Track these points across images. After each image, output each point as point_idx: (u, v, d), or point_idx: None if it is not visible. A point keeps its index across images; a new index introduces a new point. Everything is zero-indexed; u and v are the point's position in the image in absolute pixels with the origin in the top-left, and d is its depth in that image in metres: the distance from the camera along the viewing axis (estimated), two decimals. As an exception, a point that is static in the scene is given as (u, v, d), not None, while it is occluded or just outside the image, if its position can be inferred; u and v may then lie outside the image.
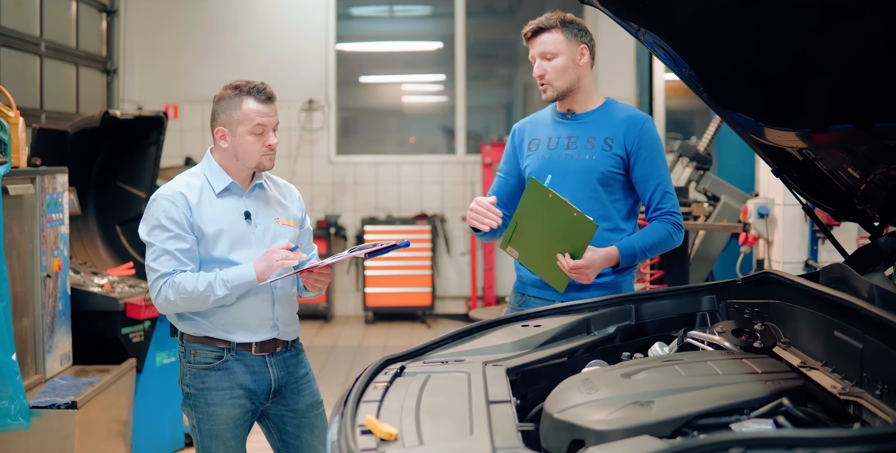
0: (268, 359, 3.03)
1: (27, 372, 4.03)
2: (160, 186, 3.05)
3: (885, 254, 2.57)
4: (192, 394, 3.01)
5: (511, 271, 9.70)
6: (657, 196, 3.16)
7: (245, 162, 2.99)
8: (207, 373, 2.99)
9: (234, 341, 2.98)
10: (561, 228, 2.94)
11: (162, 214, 2.93)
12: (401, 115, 9.83)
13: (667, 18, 2.47)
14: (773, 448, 1.47)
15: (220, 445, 3.00)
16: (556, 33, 3.18)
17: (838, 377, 2.06)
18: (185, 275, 2.91)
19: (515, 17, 9.99)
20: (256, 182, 3.07)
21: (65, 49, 7.43)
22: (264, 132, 2.97)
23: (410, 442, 1.76)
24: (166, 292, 2.91)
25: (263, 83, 2.99)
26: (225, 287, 2.89)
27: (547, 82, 3.19)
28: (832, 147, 2.52)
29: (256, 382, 3.02)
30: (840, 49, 2.10)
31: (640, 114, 3.23)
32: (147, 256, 2.97)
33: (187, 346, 3.02)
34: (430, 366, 2.27)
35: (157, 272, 2.92)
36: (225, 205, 3.00)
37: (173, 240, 2.92)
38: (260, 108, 2.96)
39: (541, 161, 3.22)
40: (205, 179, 3.02)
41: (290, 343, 3.10)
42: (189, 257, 2.93)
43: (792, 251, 5.17)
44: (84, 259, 5.32)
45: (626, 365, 2.24)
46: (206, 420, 3.00)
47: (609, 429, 1.78)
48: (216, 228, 2.96)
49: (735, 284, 2.70)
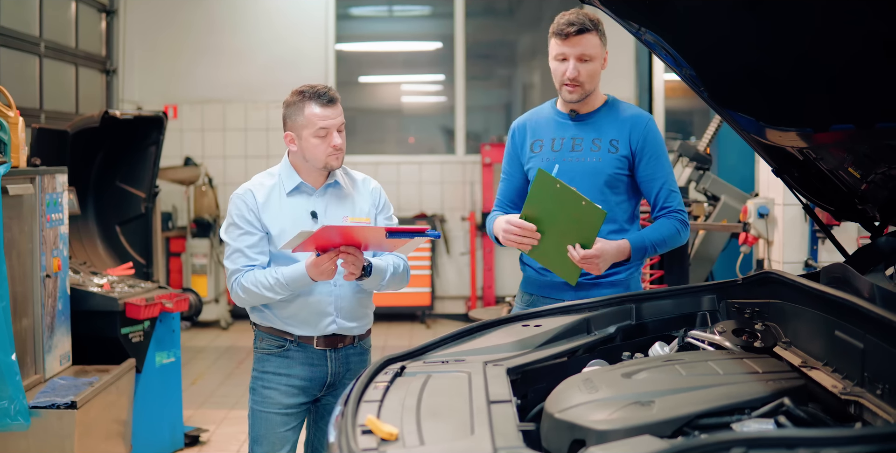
0: (329, 354, 3.14)
1: (27, 372, 4.02)
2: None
3: (885, 253, 2.58)
4: (254, 377, 3.19)
5: (510, 271, 9.65)
6: (663, 195, 3.15)
7: (313, 163, 3.09)
8: (269, 358, 3.15)
9: (295, 334, 3.11)
10: (570, 218, 2.93)
11: (234, 213, 3.11)
12: (400, 115, 9.83)
13: (668, 18, 2.47)
14: (775, 447, 1.47)
15: (269, 429, 3.13)
16: (596, 36, 3.13)
17: (839, 377, 2.06)
18: (249, 276, 3.05)
19: (515, 17, 9.99)
20: (330, 181, 3.15)
21: (64, 49, 7.43)
22: (328, 134, 3.06)
23: (411, 442, 1.76)
24: (236, 289, 3.09)
25: (326, 86, 3.08)
26: (285, 289, 3.02)
27: (578, 84, 3.14)
28: (833, 147, 2.52)
29: (313, 373, 3.14)
30: (841, 49, 2.10)
31: (642, 113, 3.22)
32: (224, 253, 3.17)
33: (257, 333, 3.20)
34: (430, 366, 2.27)
35: (228, 270, 3.11)
36: (293, 204, 3.12)
37: (242, 237, 3.08)
38: (322, 112, 3.04)
39: (545, 163, 3.20)
40: (279, 179, 3.15)
41: (356, 339, 3.18)
42: (258, 251, 3.08)
43: (792, 251, 5.17)
44: (83, 259, 5.32)
45: (626, 364, 2.24)
46: (260, 402, 3.15)
47: (610, 429, 1.78)
48: (280, 227, 3.07)
49: (736, 284, 2.70)
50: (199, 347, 7.84)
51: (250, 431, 3.18)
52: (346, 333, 3.15)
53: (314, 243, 2.88)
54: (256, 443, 3.15)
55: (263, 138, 8.99)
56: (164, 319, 4.85)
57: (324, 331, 3.11)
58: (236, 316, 8.82)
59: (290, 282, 3.00)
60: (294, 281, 3.00)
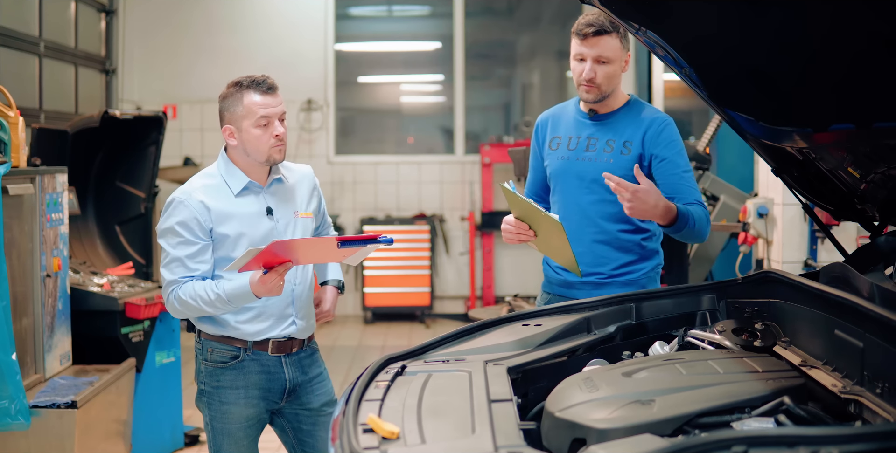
0: (283, 360, 3.04)
1: (27, 371, 4.03)
2: (177, 188, 3.02)
3: (885, 253, 2.58)
4: (206, 392, 3.04)
5: (509, 271, 9.64)
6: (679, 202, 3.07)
7: (255, 156, 2.95)
8: (223, 372, 3.00)
9: (250, 340, 2.99)
10: (544, 223, 2.96)
11: (175, 220, 2.92)
12: (399, 115, 9.83)
13: (667, 18, 2.47)
14: (775, 446, 1.47)
15: (232, 444, 3.02)
16: (615, 39, 3.13)
17: (839, 376, 2.07)
18: (188, 287, 2.89)
19: (514, 17, 9.99)
20: (274, 177, 3.04)
21: (64, 49, 7.43)
22: (269, 123, 2.92)
23: (413, 441, 1.76)
24: (172, 301, 2.94)
25: (264, 75, 2.95)
26: (229, 304, 2.87)
27: (595, 85, 3.15)
28: (832, 146, 2.52)
29: (271, 382, 3.02)
30: (840, 48, 2.10)
31: (661, 116, 3.19)
32: (161, 260, 2.97)
33: (204, 344, 3.04)
34: (431, 365, 2.27)
35: (165, 279, 2.94)
36: (244, 204, 2.98)
37: (182, 245, 2.91)
38: (262, 100, 2.91)
39: (560, 162, 3.22)
40: (221, 180, 2.99)
41: (305, 342, 3.10)
42: (198, 261, 2.92)
43: (791, 251, 5.18)
44: (83, 258, 5.32)
45: (626, 364, 2.24)
46: (218, 418, 3.02)
47: (610, 428, 1.78)
48: (238, 230, 2.94)
49: (735, 283, 2.71)
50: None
51: (211, 446, 3.04)
52: (299, 336, 3.05)
53: (261, 260, 2.73)
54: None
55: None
56: (164, 319, 4.86)
57: (281, 332, 3.00)
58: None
59: (233, 299, 2.85)
60: (237, 297, 2.84)
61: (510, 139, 8.71)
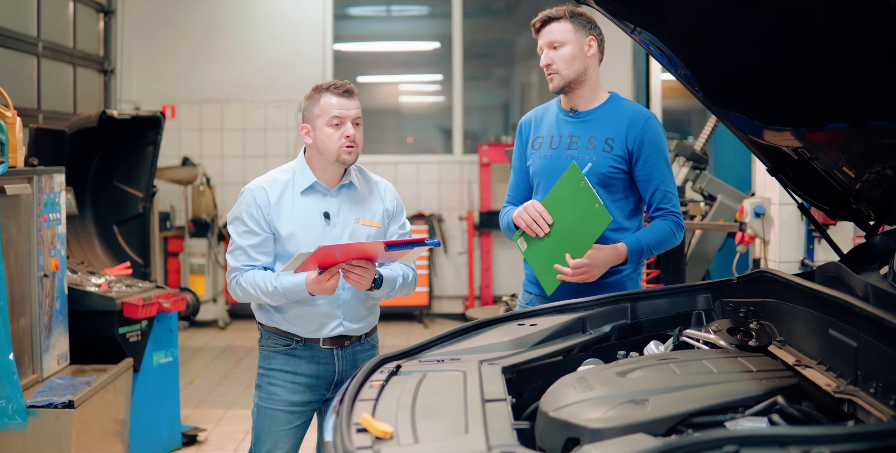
0: (336, 352, 3.12)
1: (24, 371, 4.03)
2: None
3: (880, 252, 2.58)
4: (260, 374, 3.16)
5: (508, 271, 9.62)
6: (658, 196, 3.15)
7: (326, 155, 3.05)
8: (275, 356, 3.13)
9: (301, 335, 3.09)
10: (578, 218, 2.95)
11: (243, 208, 3.06)
12: (398, 115, 9.83)
13: (662, 18, 2.47)
14: (767, 445, 1.47)
15: (273, 426, 3.11)
16: (565, 23, 3.19)
17: (833, 375, 2.07)
18: (249, 276, 3.02)
19: (513, 16, 10.00)
20: (345, 181, 3.11)
21: (62, 49, 7.43)
22: (341, 123, 3.05)
23: (406, 441, 1.77)
24: (234, 287, 3.07)
25: (346, 81, 3.10)
26: (284, 298, 2.99)
27: (554, 71, 3.19)
28: (827, 146, 2.53)
29: (320, 371, 3.11)
30: (835, 48, 2.10)
31: (642, 111, 3.21)
32: (228, 247, 3.13)
33: (262, 332, 3.17)
34: (425, 365, 2.28)
35: (230, 265, 3.09)
36: (306, 203, 3.07)
37: (247, 235, 3.05)
38: (337, 101, 3.05)
39: (543, 161, 3.22)
40: (293, 176, 3.11)
41: (363, 337, 3.16)
42: (260, 252, 3.05)
43: (788, 250, 5.18)
44: (81, 258, 5.33)
45: (621, 363, 2.25)
46: (265, 398, 3.13)
47: (604, 427, 1.79)
48: (291, 229, 3.04)
49: (730, 283, 2.71)
50: (196, 347, 7.84)
51: (254, 428, 3.15)
52: (352, 333, 3.12)
53: (314, 262, 2.85)
54: (259, 440, 3.11)
55: (261, 138, 8.99)
56: (162, 319, 4.86)
57: (329, 333, 3.08)
58: (234, 315, 8.82)
59: (289, 293, 2.97)
60: (293, 293, 2.97)
61: (509, 139, 8.72)
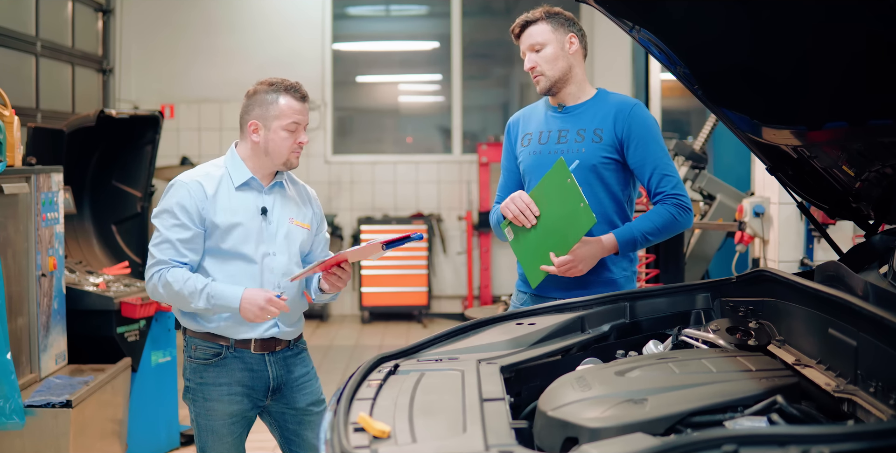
0: (267, 358, 3.05)
1: (22, 371, 4.02)
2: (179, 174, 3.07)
3: (879, 251, 2.57)
4: (191, 388, 3.06)
5: (507, 270, 9.63)
6: (655, 179, 3.12)
7: (274, 157, 3.02)
8: (206, 368, 3.02)
9: (232, 338, 3.00)
10: (563, 216, 2.95)
11: (174, 201, 2.97)
12: (397, 115, 9.82)
13: (662, 16, 2.47)
14: (766, 445, 1.46)
15: (217, 440, 3.03)
16: (542, 24, 3.19)
17: (832, 374, 2.06)
18: (178, 272, 2.93)
19: (512, 16, 9.89)
20: (277, 180, 3.10)
21: (61, 48, 7.42)
22: (297, 129, 3.02)
23: (403, 440, 1.76)
24: (156, 282, 2.96)
25: (298, 82, 3.05)
26: (208, 302, 2.91)
27: (539, 73, 3.19)
28: (827, 144, 2.52)
29: (254, 380, 3.04)
30: (834, 46, 2.10)
31: (628, 100, 3.20)
32: (151, 239, 3.02)
33: (189, 341, 3.06)
34: (423, 364, 2.27)
35: (153, 258, 2.97)
36: (242, 198, 3.03)
37: (177, 228, 2.96)
38: (298, 106, 3.01)
39: (532, 156, 3.22)
40: (225, 171, 3.05)
41: (291, 342, 3.11)
42: (189, 248, 2.96)
43: (787, 249, 5.17)
44: (79, 258, 5.32)
45: (620, 362, 2.24)
46: (203, 414, 3.04)
47: (603, 427, 1.78)
48: (230, 221, 2.98)
49: (729, 282, 2.70)
50: (195, 347, 7.82)
51: (197, 442, 3.07)
52: (284, 337, 3.07)
53: (322, 268, 2.92)
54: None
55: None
56: (160, 318, 4.85)
57: (262, 334, 3.01)
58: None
59: (217, 300, 2.89)
60: (221, 302, 2.90)
61: (507, 139, 8.70)
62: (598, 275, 3.13)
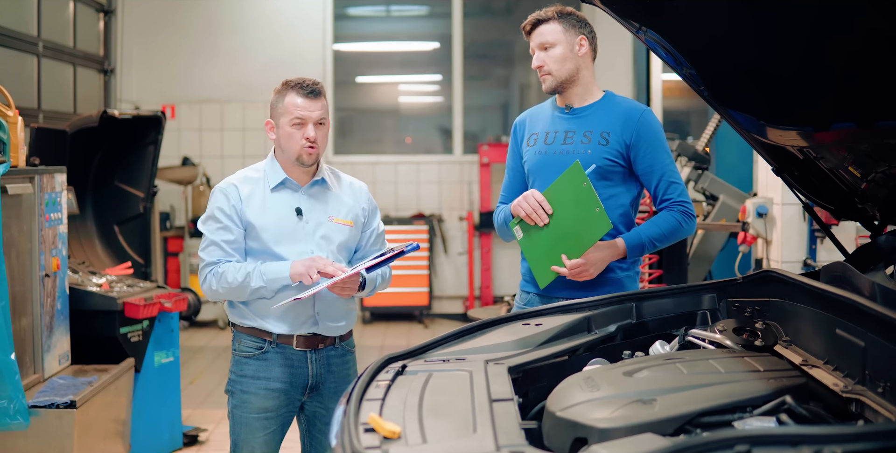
0: (309, 355, 3.09)
1: (26, 371, 4.02)
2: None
3: (885, 252, 2.58)
4: (232, 380, 3.14)
5: (508, 271, 9.62)
6: (662, 186, 3.15)
7: (287, 154, 3.07)
8: (248, 362, 3.10)
9: (275, 333, 3.06)
10: (577, 219, 2.96)
11: (214, 206, 3.08)
12: (398, 115, 9.83)
13: (668, 17, 2.46)
14: (779, 445, 1.47)
15: (249, 434, 3.09)
16: (554, 24, 3.20)
17: (840, 375, 2.06)
18: (229, 265, 3.03)
19: (513, 17, 9.99)
20: (317, 178, 3.12)
21: (62, 49, 7.42)
22: (303, 124, 3.03)
23: (414, 440, 1.76)
24: (210, 281, 3.05)
25: (313, 80, 3.07)
26: (261, 279, 2.99)
27: (546, 72, 3.21)
28: (833, 145, 2.52)
29: (293, 376, 3.09)
30: (842, 47, 2.10)
31: (637, 106, 3.22)
32: (200, 245, 3.12)
33: (235, 335, 3.15)
34: (431, 365, 2.27)
35: (203, 261, 3.08)
36: (277, 199, 3.09)
37: (221, 231, 3.05)
38: (302, 102, 3.03)
39: (538, 156, 3.22)
40: (263, 174, 3.12)
41: (337, 340, 3.14)
42: (235, 248, 3.06)
43: (790, 250, 5.18)
44: (82, 258, 5.32)
45: (627, 363, 2.24)
46: (239, 406, 3.11)
47: (612, 427, 1.78)
48: (263, 222, 3.05)
49: (736, 283, 2.70)
50: (197, 347, 7.83)
51: (231, 434, 3.13)
52: (327, 334, 3.10)
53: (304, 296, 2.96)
54: (237, 446, 3.10)
55: (261, 138, 8.97)
56: (163, 319, 4.85)
57: (303, 330, 3.06)
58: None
59: (270, 274, 2.98)
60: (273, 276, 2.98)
61: (508, 139, 8.69)
62: (602, 275, 3.13)
